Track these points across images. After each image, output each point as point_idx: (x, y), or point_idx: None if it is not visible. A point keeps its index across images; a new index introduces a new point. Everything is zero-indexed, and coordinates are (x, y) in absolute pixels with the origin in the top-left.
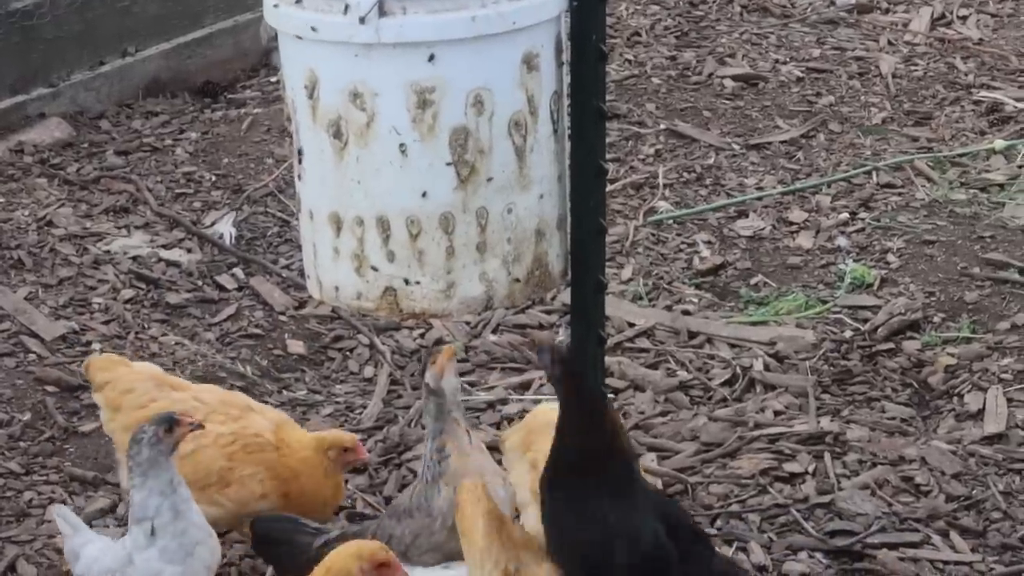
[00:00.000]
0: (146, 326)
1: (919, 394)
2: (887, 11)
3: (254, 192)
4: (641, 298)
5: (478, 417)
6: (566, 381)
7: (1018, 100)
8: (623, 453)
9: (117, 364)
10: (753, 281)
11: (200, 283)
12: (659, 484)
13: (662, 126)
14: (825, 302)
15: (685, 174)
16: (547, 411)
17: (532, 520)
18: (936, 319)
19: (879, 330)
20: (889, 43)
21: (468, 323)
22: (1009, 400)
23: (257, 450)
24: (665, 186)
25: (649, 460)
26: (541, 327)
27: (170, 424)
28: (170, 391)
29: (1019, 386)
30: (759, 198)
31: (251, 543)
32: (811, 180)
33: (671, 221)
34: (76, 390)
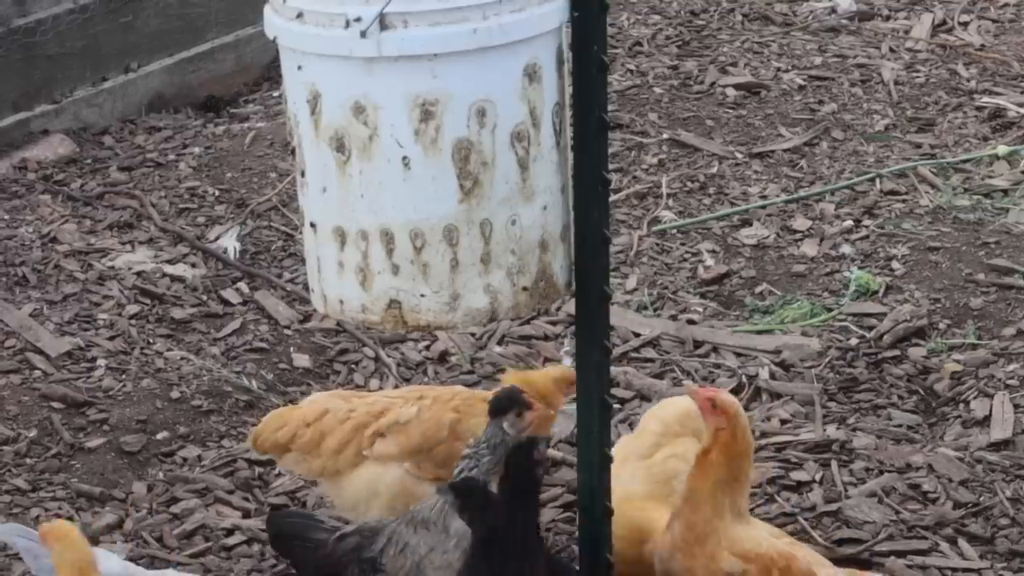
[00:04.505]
0: (151, 341)
1: (925, 401)
2: (888, 18)
3: (258, 206)
4: (646, 308)
5: None
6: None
7: (1020, 105)
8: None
9: (289, 412)
10: (758, 290)
11: (205, 298)
12: None
13: (665, 136)
14: (830, 310)
15: (688, 183)
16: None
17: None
18: (941, 326)
19: (885, 337)
20: (891, 50)
21: (473, 335)
22: (1016, 406)
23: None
24: (668, 196)
25: None
26: (546, 338)
27: None
28: (360, 400)
29: None
30: (763, 207)
31: (269, 541)
32: (815, 188)
33: (675, 231)
34: (82, 406)
